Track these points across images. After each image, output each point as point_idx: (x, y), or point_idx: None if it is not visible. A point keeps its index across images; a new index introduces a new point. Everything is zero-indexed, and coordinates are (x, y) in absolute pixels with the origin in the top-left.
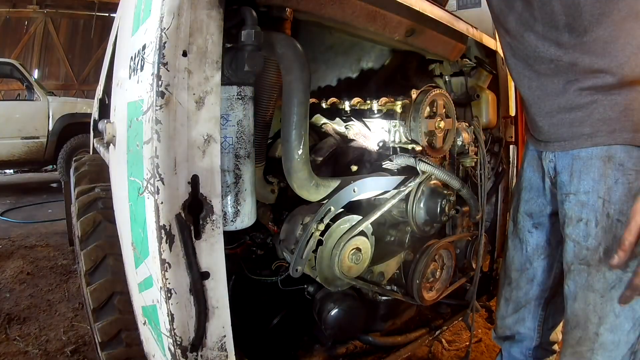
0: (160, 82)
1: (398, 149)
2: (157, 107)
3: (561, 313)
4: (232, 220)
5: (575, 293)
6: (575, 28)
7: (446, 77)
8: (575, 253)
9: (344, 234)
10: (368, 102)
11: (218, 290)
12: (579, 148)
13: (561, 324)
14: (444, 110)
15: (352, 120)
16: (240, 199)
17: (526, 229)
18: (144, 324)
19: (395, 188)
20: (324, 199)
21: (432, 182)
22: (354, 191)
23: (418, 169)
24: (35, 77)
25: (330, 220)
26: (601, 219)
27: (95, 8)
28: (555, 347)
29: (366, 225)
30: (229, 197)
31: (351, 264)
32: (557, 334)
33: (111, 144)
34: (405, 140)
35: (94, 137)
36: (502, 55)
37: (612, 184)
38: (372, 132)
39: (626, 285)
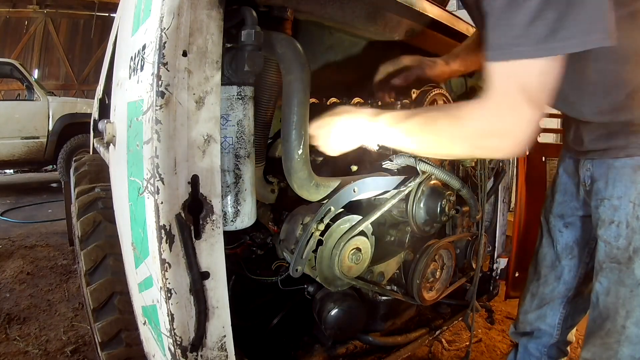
0: (160, 82)
1: None
2: (157, 107)
3: (580, 313)
4: (232, 220)
5: (608, 288)
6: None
7: None
8: (606, 252)
9: (344, 234)
10: (368, 102)
11: (218, 290)
12: (613, 157)
13: (576, 325)
14: None
15: None
16: (240, 199)
17: (557, 229)
18: (144, 324)
19: (395, 188)
20: (324, 199)
21: (432, 182)
22: (354, 191)
23: (418, 169)
24: (35, 77)
25: (330, 220)
26: (631, 221)
27: (95, 8)
28: (569, 349)
29: (366, 225)
30: (229, 197)
31: (351, 264)
32: (573, 335)
33: (111, 144)
34: None
35: (94, 137)
36: None
37: None
38: None
39: None
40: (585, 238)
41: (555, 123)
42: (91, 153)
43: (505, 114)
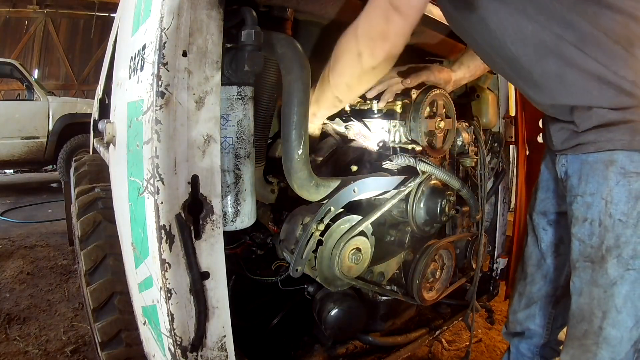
0: (160, 82)
1: (398, 149)
2: (157, 107)
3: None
4: (232, 220)
5: (581, 288)
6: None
7: None
8: (580, 251)
9: (344, 234)
10: (368, 102)
11: (218, 290)
12: (585, 153)
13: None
14: (444, 110)
15: (352, 120)
16: (240, 199)
17: (541, 227)
18: (144, 324)
19: (395, 188)
20: (324, 199)
21: (432, 182)
22: (354, 191)
23: (418, 169)
24: (35, 77)
25: (330, 220)
26: (604, 219)
27: (95, 8)
28: (562, 348)
29: (366, 225)
30: (229, 197)
31: (351, 264)
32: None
33: (111, 144)
34: (405, 140)
35: (94, 137)
36: None
37: (613, 185)
38: (372, 132)
39: None
40: (570, 236)
41: None
42: (91, 153)
43: (374, 15)
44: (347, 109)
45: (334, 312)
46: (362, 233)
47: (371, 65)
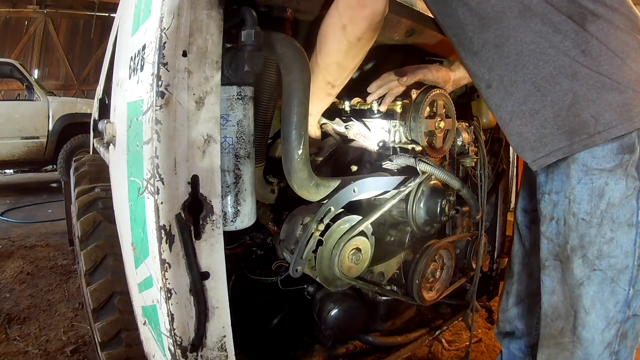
0: (160, 82)
1: (398, 149)
2: (157, 107)
3: None
4: (232, 221)
5: (553, 287)
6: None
7: None
8: (549, 250)
9: (344, 234)
10: (368, 102)
11: (218, 290)
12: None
13: None
14: (444, 110)
15: (352, 120)
16: (240, 199)
17: (524, 224)
18: (144, 324)
19: (395, 188)
20: (324, 199)
21: (432, 182)
22: (354, 191)
23: (418, 169)
24: (35, 77)
25: (330, 221)
26: (568, 218)
27: (95, 8)
28: None
29: (366, 226)
30: (229, 197)
31: (351, 264)
32: None
33: (111, 144)
34: (405, 140)
35: (94, 137)
36: None
37: (575, 183)
38: (372, 132)
39: None
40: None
41: None
42: (91, 153)
43: None
44: (347, 109)
45: (334, 312)
46: (362, 233)
47: (356, 36)
